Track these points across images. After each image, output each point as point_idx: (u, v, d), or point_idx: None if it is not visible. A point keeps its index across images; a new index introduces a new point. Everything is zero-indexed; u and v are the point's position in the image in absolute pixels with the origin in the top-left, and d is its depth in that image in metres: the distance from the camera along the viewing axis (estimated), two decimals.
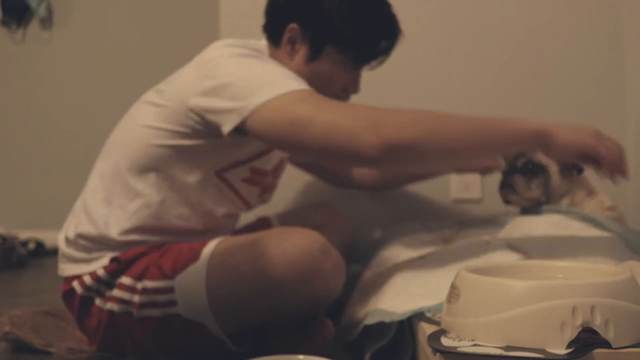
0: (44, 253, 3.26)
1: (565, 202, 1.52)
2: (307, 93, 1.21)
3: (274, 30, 1.44)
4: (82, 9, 3.67)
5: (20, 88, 3.68)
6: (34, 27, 3.67)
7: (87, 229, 1.37)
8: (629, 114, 2.00)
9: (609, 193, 1.57)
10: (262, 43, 1.47)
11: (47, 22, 3.67)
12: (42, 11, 3.63)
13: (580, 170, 1.51)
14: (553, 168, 1.50)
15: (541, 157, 1.51)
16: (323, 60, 1.41)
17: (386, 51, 1.46)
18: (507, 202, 1.56)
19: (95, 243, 1.37)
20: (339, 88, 1.45)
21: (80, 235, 1.37)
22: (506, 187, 1.54)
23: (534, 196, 1.50)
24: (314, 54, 1.41)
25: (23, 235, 3.21)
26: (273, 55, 1.43)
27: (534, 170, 1.50)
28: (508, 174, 1.54)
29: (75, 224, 1.39)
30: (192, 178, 1.37)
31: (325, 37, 1.40)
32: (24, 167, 3.65)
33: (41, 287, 2.35)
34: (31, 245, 3.24)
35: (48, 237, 3.23)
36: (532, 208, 1.52)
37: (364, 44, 1.42)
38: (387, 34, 1.44)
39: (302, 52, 1.41)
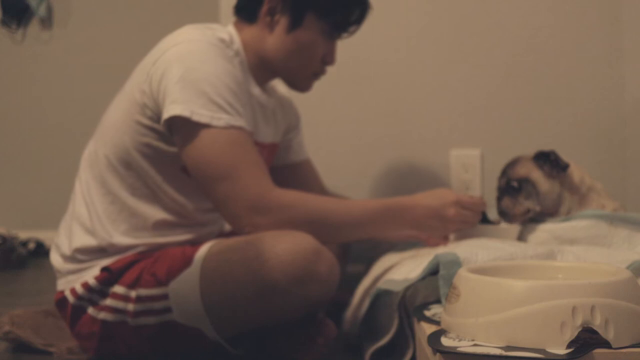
0: (44, 253, 3.25)
1: (563, 212, 1.48)
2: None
3: (250, 4, 1.47)
4: (82, 9, 3.67)
5: (20, 88, 3.67)
6: (34, 27, 3.66)
7: (85, 240, 1.39)
8: (628, 114, 2.01)
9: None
10: (228, 29, 1.48)
11: (47, 22, 3.66)
12: (42, 11, 3.62)
13: (564, 168, 1.47)
14: (534, 174, 1.47)
15: (520, 170, 1.48)
16: (304, 29, 1.45)
17: (359, 20, 1.52)
18: (511, 224, 1.53)
19: (91, 253, 1.38)
20: (319, 58, 1.49)
21: (77, 250, 1.39)
22: (501, 214, 1.51)
23: (524, 209, 1.46)
24: (295, 22, 1.44)
25: (23, 235, 3.20)
26: (246, 34, 1.47)
27: (518, 186, 1.47)
28: (499, 200, 1.51)
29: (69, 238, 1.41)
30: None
31: (306, 5, 1.43)
32: (24, 167, 3.65)
33: (41, 287, 2.35)
34: (31, 245, 3.23)
35: (48, 237, 3.22)
36: (533, 218, 1.49)
37: (341, 10, 1.47)
38: (360, 2, 1.50)
39: (282, 22, 1.44)
